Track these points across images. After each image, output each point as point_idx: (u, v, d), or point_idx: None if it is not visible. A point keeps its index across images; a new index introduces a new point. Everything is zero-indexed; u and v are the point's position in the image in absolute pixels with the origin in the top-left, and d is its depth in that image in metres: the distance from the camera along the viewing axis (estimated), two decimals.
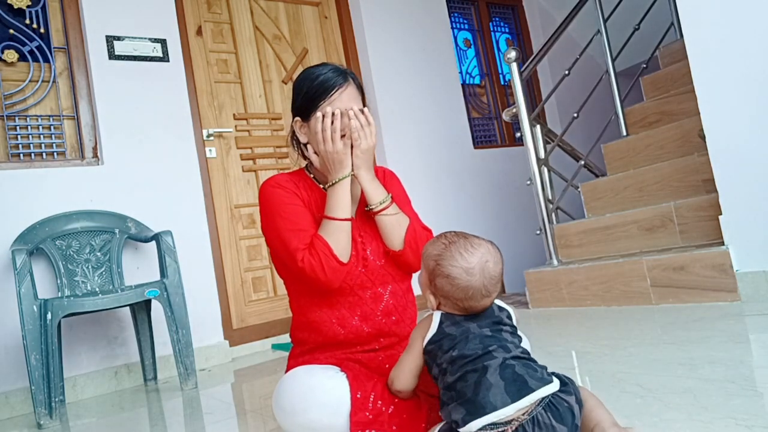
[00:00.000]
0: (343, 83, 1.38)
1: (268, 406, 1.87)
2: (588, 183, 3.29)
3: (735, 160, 2.21)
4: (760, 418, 1.10)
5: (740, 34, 2.16)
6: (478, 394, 0.92)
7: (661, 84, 3.59)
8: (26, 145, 2.79)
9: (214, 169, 3.31)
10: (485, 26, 4.71)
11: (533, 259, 3.98)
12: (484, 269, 1.04)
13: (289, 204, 1.36)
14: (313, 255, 1.28)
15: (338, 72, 1.40)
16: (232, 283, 3.26)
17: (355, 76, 1.44)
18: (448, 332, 1.04)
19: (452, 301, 1.05)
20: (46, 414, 2.15)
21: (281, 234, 1.33)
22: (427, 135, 4.04)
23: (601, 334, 2.15)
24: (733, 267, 2.21)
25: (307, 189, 1.43)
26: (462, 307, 1.06)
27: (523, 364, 0.97)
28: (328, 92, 1.36)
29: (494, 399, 0.91)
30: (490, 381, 0.93)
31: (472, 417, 0.91)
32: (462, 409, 0.94)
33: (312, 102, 1.37)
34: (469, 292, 1.03)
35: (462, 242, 1.07)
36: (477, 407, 0.92)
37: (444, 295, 1.06)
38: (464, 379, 0.96)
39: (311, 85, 1.38)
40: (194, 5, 3.40)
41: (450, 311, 1.08)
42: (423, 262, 1.13)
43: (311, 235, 1.31)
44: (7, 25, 2.83)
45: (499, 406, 0.91)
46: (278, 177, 1.44)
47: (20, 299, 2.18)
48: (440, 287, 1.06)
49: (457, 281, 1.03)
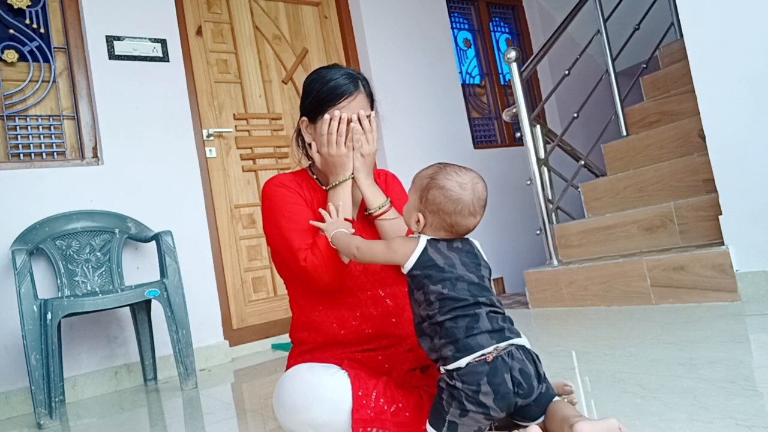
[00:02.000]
0: (353, 91, 1.38)
1: (268, 406, 1.87)
2: (588, 183, 3.29)
3: (735, 160, 2.21)
4: (760, 418, 1.10)
5: (740, 34, 2.16)
6: (468, 337, 1.07)
7: (661, 84, 3.59)
8: (26, 145, 2.79)
9: (214, 169, 3.31)
10: (485, 26, 4.71)
11: (533, 259, 3.98)
12: (474, 188, 1.16)
13: (292, 204, 1.37)
14: (315, 254, 1.28)
15: (350, 78, 1.40)
16: (232, 283, 3.26)
17: (367, 83, 1.44)
18: (435, 260, 1.13)
19: (440, 217, 1.15)
20: (46, 414, 2.15)
21: (284, 233, 1.33)
22: (427, 135, 4.04)
23: (601, 334, 2.15)
24: (733, 267, 2.21)
25: (310, 189, 1.44)
26: (449, 224, 1.15)
27: (502, 318, 1.12)
28: (337, 99, 1.37)
29: (482, 341, 1.07)
30: (480, 327, 1.08)
31: (461, 354, 1.06)
32: (452, 347, 1.08)
33: (321, 105, 1.38)
34: (459, 206, 1.14)
35: (454, 166, 1.19)
36: (467, 347, 1.06)
37: (434, 210, 1.15)
38: (455, 321, 1.09)
39: (322, 88, 1.38)
40: (194, 5, 3.40)
41: (435, 234, 1.17)
42: (414, 183, 1.20)
43: (313, 235, 1.32)
44: (7, 25, 2.83)
45: (485, 347, 1.06)
46: (281, 176, 1.45)
47: (20, 299, 2.18)
48: (431, 200, 1.15)
49: (451, 192, 1.14)
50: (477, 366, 1.05)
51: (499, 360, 1.05)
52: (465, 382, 1.05)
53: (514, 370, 1.05)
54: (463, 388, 1.05)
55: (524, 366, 1.06)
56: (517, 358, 1.06)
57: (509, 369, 1.05)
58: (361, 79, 1.43)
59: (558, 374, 1.67)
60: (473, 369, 1.05)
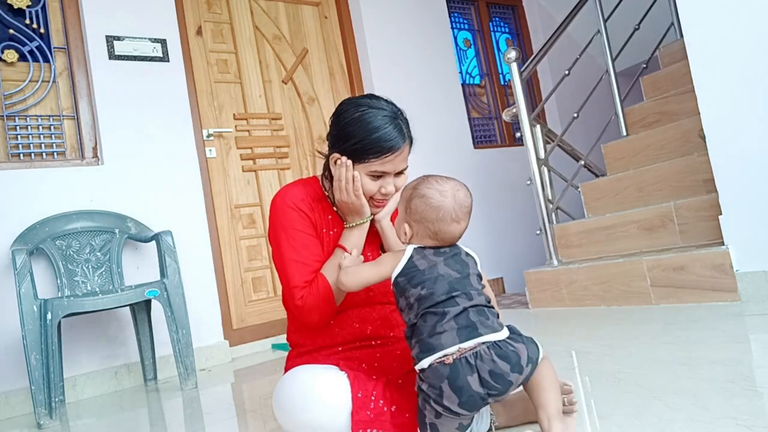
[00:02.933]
0: (401, 146, 1.29)
1: (268, 406, 1.87)
2: (588, 183, 3.29)
3: (735, 160, 2.21)
4: (760, 418, 1.10)
5: (740, 34, 2.16)
6: (431, 336, 1.06)
7: (661, 84, 3.59)
8: (26, 145, 2.79)
9: (214, 169, 3.31)
10: (485, 26, 4.71)
11: (533, 259, 3.98)
12: (455, 195, 1.18)
13: (299, 231, 1.33)
14: (312, 294, 1.27)
15: (398, 129, 1.29)
16: (232, 283, 3.26)
17: (408, 125, 1.35)
18: (418, 266, 1.14)
19: (424, 225, 1.17)
20: (46, 414, 2.15)
21: (285, 263, 1.32)
22: (427, 135, 4.03)
23: (601, 334, 2.15)
24: (733, 267, 2.21)
25: (321, 211, 1.39)
26: (433, 231, 1.17)
27: (477, 311, 1.09)
28: (384, 153, 1.27)
29: (445, 341, 1.05)
30: (445, 327, 1.06)
31: (424, 355, 1.06)
32: (417, 347, 1.08)
33: (362, 154, 1.28)
34: (440, 212, 1.16)
35: (436, 176, 1.22)
36: (429, 347, 1.06)
37: (417, 219, 1.17)
38: (424, 319, 1.09)
39: (368, 137, 1.27)
40: (194, 5, 3.40)
41: (421, 242, 1.19)
42: (401, 197, 1.24)
43: (314, 271, 1.30)
44: (7, 25, 2.83)
45: (447, 347, 1.04)
46: (294, 193, 1.37)
47: (20, 299, 2.18)
48: (414, 209, 1.18)
49: (431, 200, 1.17)
50: (438, 368, 1.03)
51: (461, 362, 1.02)
52: (430, 385, 1.04)
53: (483, 371, 1.02)
54: (428, 390, 1.04)
55: (494, 366, 1.02)
56: (485, 359, 1.02)
57: (477, 371, 1.01)
58: (404, 123, 1.33)
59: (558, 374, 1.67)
60: (434, 371, 1.04)
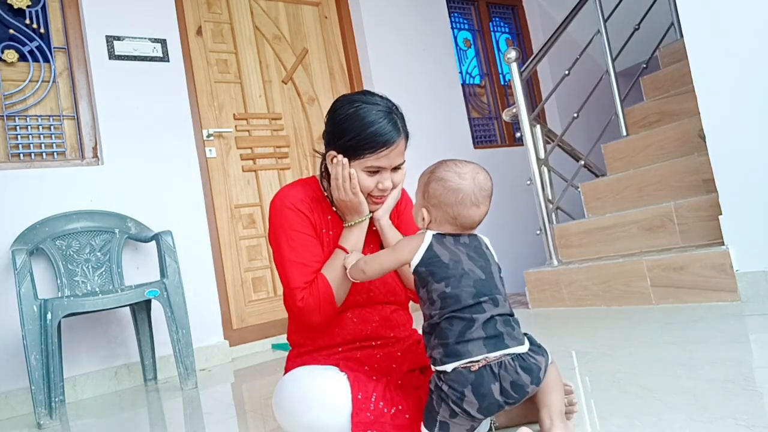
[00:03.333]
0: (396, 140, 1.28)
1: (268, 406, 1.87)
2: (588, 183, 3.28)
3: (735, 160, 2.21)
4: (760, 418, 1.10)
5: (740, 34, 2.16)
6: (458, 343, 1.05)
7: (661, 84, 3.59)
8: (26, 145, 2.79)
9: (214, 169, 3.31)
10: (485, 26, 4.71)
11: (533, 259, 3.97)
12: (474, 178, 1.15)
13: (299, 232, 1.33)
14: (312, 295, 1.27)
15: (392, 123, 1.29)
16: (232, 283, 3.26)
17: (403, 120, 1.34)
18: (441, 257, 1.11)
19: (443, 210, 1.14)
20: (46, 414, 2.15)
21: (285, 265, 1.32)
22: (427, 135, 4.04)
23: (601, 334, 2.15)
24: (733, 267, 2.21)
25: (320, 212, 1.38)
26: (452, 216, 1.14)
27: (504, 321, 1.08)
28: (379, 148, 1.27)
29: (472, 349, 1.04)
30: (473, 335, 1.05)
31: (449, 359, 1.05)
32: (441, 350, 1.06)
33: (357, 150, 1.28)
34: (459, 195, 1.13)
35: (455, 160, 1.19)
36: (455, 353, 1.05)
37: (436, 203, 1.14)
38: (450, 323, 1.07)
39: (362, 132, 1.27)
40: (194, 5, 3.40)
41: (440, 228, 1.16)
42: (418, 183, 1.21)
43: (314, 272, 1.30)
44: (7, 25, 2.83)
45: (473, 355, 1.04)
46: (293, 194, 1.37)
47: (20, 299, 2.18)
48: (432, 193, 1.15)
49: (450, 183, 1.14)
50: (463, 373, 1.04)
51: (487, 370, 1.03)
52: (451, 387, 1.04)
53: (505, 381, 1.03)
54: (449, 392, 1.04)
55: (517, 378, 1.03)
56: (509, 370, 1.04)
57: (498, 380, 1.03)
58: (399, 117, 1.32)
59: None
60: (459, 376, 1.04)
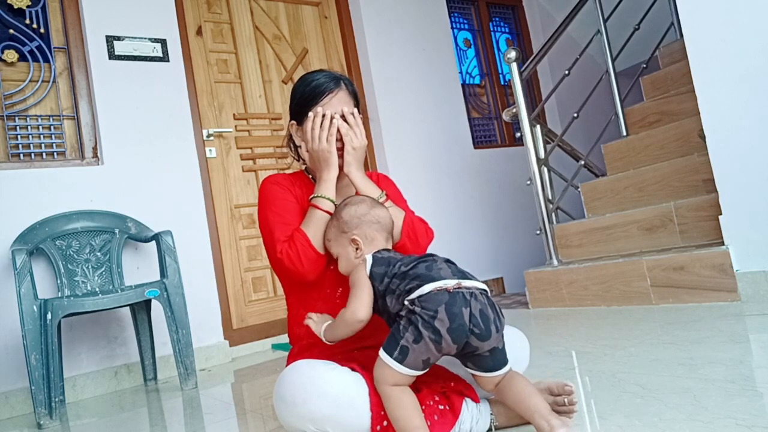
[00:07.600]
0: (334, 88, 1.46)
1: (268, 406, 1.87)
2: (588, 183, 3.29)
3: (735, 160, 2.21)
4: (760, 418, 1.10)
5: (740, 34, 2.16)
6: (431, 271, 1.17)
7: (661, 84, 3.59)
8: (26, 145, 2.79)
9: (214, 169, 3.31)
10: (485, 26, 4.71)
11: (533, 259, 3.98)
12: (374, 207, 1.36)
13: (281, 199, 1.46)
14: (291, 247, 1.35)
15: (331, 77, 1.48)
16: (232, 283, 3.26)
17: (349, 82, 1.52)
18: (383, 255, 1.26)
19: (361, 221, 1.31)
20: (46, 414, 2.15)
21: (269, 225, 1.42)
22: (427, 135, 4.04)
23: (601, 334, 2.15)
24: (733, 267, 2.21)
25: (302, 187, 1.52)
26: (374, 221, 1.32)
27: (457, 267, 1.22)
28: (319, 96, 1.45)
29: (445, 275, 1.16)
30: (440, 266, 1.18)
31: (425, 283, 1.14)
32: (416, 281, 1.16)
33: (304, 105, 1.47)
34: (363, 207, 1.33)
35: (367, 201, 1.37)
36: (429, 279, 1.15)
37: (355, 224, 1.31)
38: (416, 268, 1.19)
39: (304, 90, 1.48)
40: (194, 5, 3.40)
41: (374, 246, 1.31)
42: (342, 226, 1.32)
43: (294, 228, 1.39)
44: (7, 25, 2.83)
45: (447, 280, 1.14)
46: (277, 175, 1.53)
47: (20, 299, 2.18)
48: (345, 219, 1.32)
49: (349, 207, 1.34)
50: (438, 294, 1.12)
51: (460, 294, 1.12)
52: (424, 308, 1.11)
53: (474, 308, 1.11)
54: (421, 313, 1.11)
55: (485, 309, 1.13)
56: (479, 301, 1.13)
57: (469, 305, 1.11)
58: (344, 79, 1.50)
59: (558, 374, 1.67)
60: (434, 296, 1.12)
